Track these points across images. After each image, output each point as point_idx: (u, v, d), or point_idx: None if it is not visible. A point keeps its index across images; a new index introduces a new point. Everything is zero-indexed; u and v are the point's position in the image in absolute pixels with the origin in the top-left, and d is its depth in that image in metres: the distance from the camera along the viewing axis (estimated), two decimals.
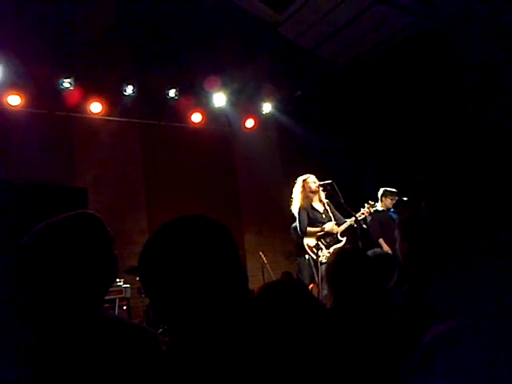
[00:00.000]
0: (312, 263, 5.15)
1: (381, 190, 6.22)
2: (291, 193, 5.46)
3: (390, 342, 1.77)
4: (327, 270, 2.13)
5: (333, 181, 5.21)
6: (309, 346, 1.41)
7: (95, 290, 1.30)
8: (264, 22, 6.98)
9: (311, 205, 5.31)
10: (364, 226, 5.35)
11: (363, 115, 7.91)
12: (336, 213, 5.37)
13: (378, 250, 4.95)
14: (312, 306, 1.54)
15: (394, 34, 7.09)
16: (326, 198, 5.40)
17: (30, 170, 6.06)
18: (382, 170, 7.41)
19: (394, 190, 6.23)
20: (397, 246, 2.21)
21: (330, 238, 5.23)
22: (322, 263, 5.03)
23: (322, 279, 4.97)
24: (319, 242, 5.16)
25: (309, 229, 5.20)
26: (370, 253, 2.85)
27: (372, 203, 5.39)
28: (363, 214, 5.26)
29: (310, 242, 5.20)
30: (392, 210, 6.19)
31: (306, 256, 5.24)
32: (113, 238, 1.39)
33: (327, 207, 5.35)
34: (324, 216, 5.30)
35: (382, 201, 6.17)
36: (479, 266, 0.93)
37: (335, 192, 5.15)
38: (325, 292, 4.87)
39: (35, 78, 6.25)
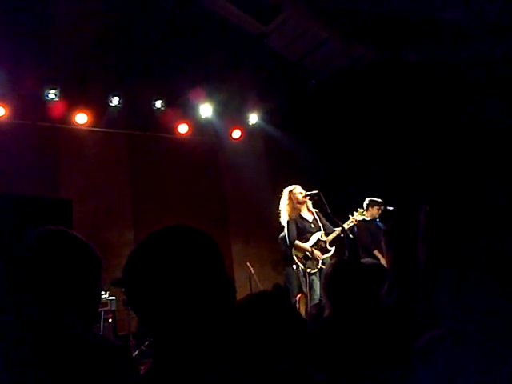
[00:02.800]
0: (301, 273, 5.15)
1: (366, 200, 6.26)
2: (278, 204, 5.46)
3: (384, 348, 1.80)
4: (324, 280, 2.19)
5: (319, 191, 5.23)
6: (295, 357, 1.40)
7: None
8: (250, 34, 7.03)
9: (300, 215, 5.32)
10: (351, 235, 5.38)
11: (349, 126, 7.99)
12: (325, 222, 5.38)
13: (368, 259, 4.99)
14: (292, 318, 1.54)
15: None
16: (314, 207, 5.42)
17: (13, 181, 5.98)
18: (369, 180, 7.47)
19: (379, 199, 6.27)
20: (385, 255, 2.24)
21: (318, 249, 5.23)
22: (310, 274, 5.04)
23: (310, 289, 4.98)
24: (307, 253, 5.16)
25: (297, 242, 5.19)
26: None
27: (361, 211, 5.49)
28: (352, 221, 5.32)
29: (298, 252, 5.20)
30: (378, 219, 6.23)
31: (294, 266, 5.24)
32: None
33: (316, 217, 5.37)
34: (313, 225, 5.31)
35: (368, 211, 6.20)
36: (478, 274, 0.94)
37: (322, 202, 5.17)
38: (314, 302, 4.89)
39: (20, 88, 6.20)
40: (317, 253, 5.16)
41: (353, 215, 5.42)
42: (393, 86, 6.88)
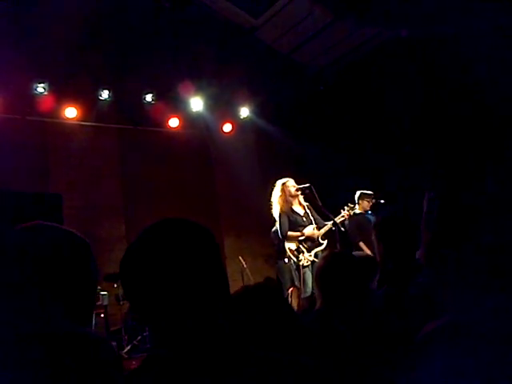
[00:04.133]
0: (293, 267, 5.17)
1: (357, 193, 6.30)
2: (270, 196, 5.47)
3: (375, 340, 1.81)
4: (316, 273, 2.20)
5: (311, 184, 5.25)
6: (288, 348, 1.41)
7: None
8: (241, 27, 7.00)
9: (291, 208, 5.33)
10: (342, 229, 5.42)
11: (340, 119, 8.00)
12: (316, 216, 5.41)
13: (358, 252, 5.04)
14: (284, 311, 1.55)
15: (368, 40, 7.19)
16: (305, 201, 5.43)
17: (2, 175, 5.92)
18: (360, 172, 7.50)
19: (370, 192, 6.31)
20: (375, 247, 2.26)
21: (310, 242, 5.26)
22: (303, 266, 5.06)
23: (303, 282, 5.00)
24: (300, 246, 5.18)
25: (289, 233, 5.21)
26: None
27: (351, 206, 5.53)
28: (343, 216, 5.36)
29: (291, 245, 5.22)
30: (369, 212, 6.27)
31: (286, 259, 5.26)
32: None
33: (307, 210, 5.38)
34: (305, 219, 5.32)
35: (359, 204, 6.24)
36: (481, 261, 0.95)
37: (313, 195, 5.19)
38: (306, 295, 4.92)
39: (9, 82, 6.13)
40: (310, 232, 5.18)
41: (344, 209, 5.45)
42: (387, 76, 6.86)
